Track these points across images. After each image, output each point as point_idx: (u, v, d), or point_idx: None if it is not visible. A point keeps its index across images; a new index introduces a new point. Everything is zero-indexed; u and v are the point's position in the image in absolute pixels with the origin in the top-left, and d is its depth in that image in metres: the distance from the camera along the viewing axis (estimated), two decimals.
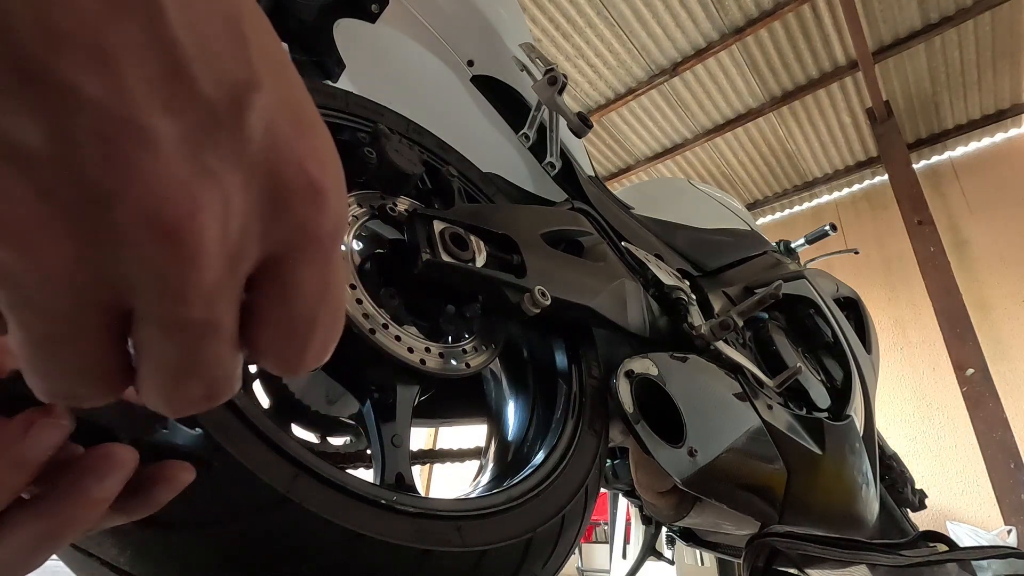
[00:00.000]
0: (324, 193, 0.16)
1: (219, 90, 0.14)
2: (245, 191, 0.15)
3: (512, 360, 0.87)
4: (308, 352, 0.17)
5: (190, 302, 0.14)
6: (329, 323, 0.17)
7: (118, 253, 0.13)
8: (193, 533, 0.41)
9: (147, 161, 0.13)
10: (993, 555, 0.84)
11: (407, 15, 0.90)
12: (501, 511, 0.59)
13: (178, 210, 0.13)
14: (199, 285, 0.14)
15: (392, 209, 0.69)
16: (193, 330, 0.15)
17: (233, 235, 0.15)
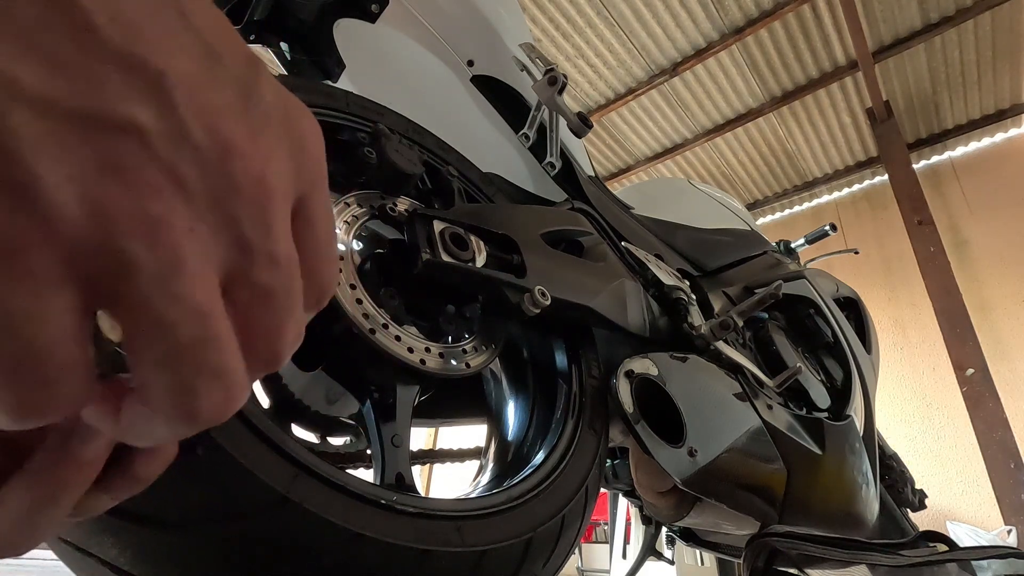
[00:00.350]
0: (321, 144, 0.20)
1: (239, 67, 0.17)
2: (282, 143, 0.18)
3: (512, 360, 0.87)
4: None
5: (279, 240, 0.17)
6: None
7: (227, 205, 0.16)
8: (193, 533, 0.41)
9: (231, 125, 0.16)
10: (993, 555, 0.84)
11: (407, 15, 0.90)
12: (501, 511, 0.59)
13: (261, 159, 0.17)
14: (282, 223, 0.17)
15: (392, 209, 0.69)
16: (284, 265, 0.17)
17: (286, 179, 0.17)
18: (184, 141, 0.15)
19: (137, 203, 0.14)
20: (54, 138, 0.13)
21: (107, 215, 0.13)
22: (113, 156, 0.14)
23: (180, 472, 0.42)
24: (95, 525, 0.40)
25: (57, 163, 0.13)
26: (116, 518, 0.40)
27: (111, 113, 0.14)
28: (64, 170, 0.13)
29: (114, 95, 0.14)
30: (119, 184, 0.14)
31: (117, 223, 0.13)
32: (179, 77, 0.15)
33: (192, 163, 0.15)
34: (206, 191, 0.15)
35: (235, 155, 0.15)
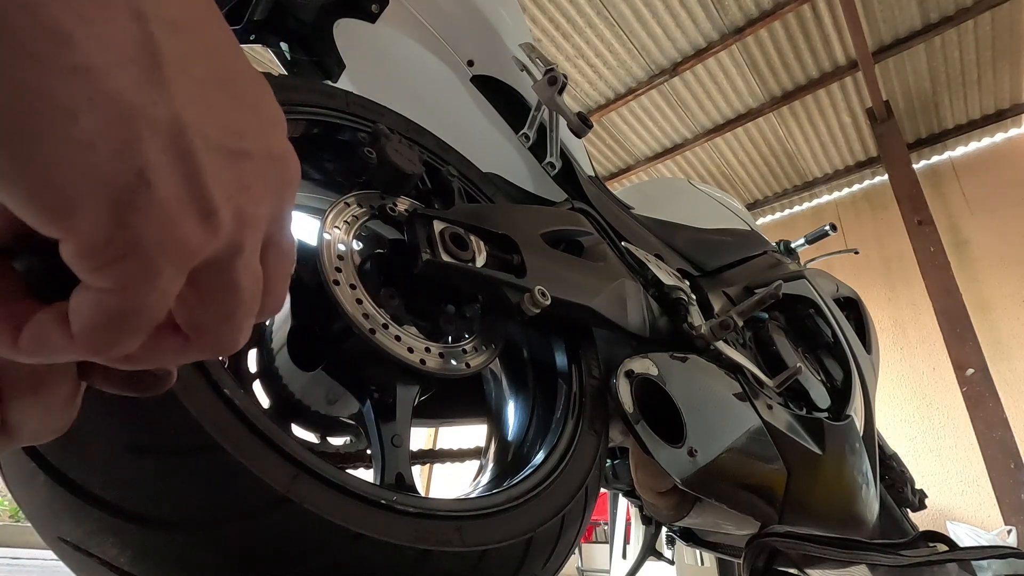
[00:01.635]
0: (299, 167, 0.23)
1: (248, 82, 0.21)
2: (273, 183, 0.21)
3: (512, 360, 0.87)
4: None
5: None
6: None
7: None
8: (193, 533, 0.41)
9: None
10: (993, 555, 0.84)
11: (407, 15, 0.90)
12: (501, 511, 0.59)
13: (255, 202, 0.20)
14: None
15: (392, 209, 0.69)
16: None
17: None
18: (271, 155, 0.20)
19: (251, 205, 0.19)
20: (224, 171, 0.18)
21: (240, 219, 0.18)
22: (244, 176, 0.19)
23: (180, 472, 0.42)
24: (95, 525, 0.40)
25: (223, 188, 0.18)
26: (116, 518, 0.40)
27: (245, 147, 0.19)
28: (227, 192, 0.18)
29: (247, 133, 0.19)
30: (247, 195, 0.19)
31: (243, 223, 0.18)
32: (268, 114, 0.21)
33: (273, 169, 0.20)
34: (277, 186, 0.20)
35: (289, 154, 0.21)
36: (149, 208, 0.16)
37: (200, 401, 0.43)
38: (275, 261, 0.22)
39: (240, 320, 0.20)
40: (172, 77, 0.16)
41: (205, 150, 0.17)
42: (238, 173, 0.18)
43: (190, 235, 0.17)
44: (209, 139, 0.17)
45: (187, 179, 0.17)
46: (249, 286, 0.20)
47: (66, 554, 0.42)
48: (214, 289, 0.19)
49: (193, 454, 0.42)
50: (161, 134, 0.16)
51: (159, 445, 0.41)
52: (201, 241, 0.17)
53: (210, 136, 0.17)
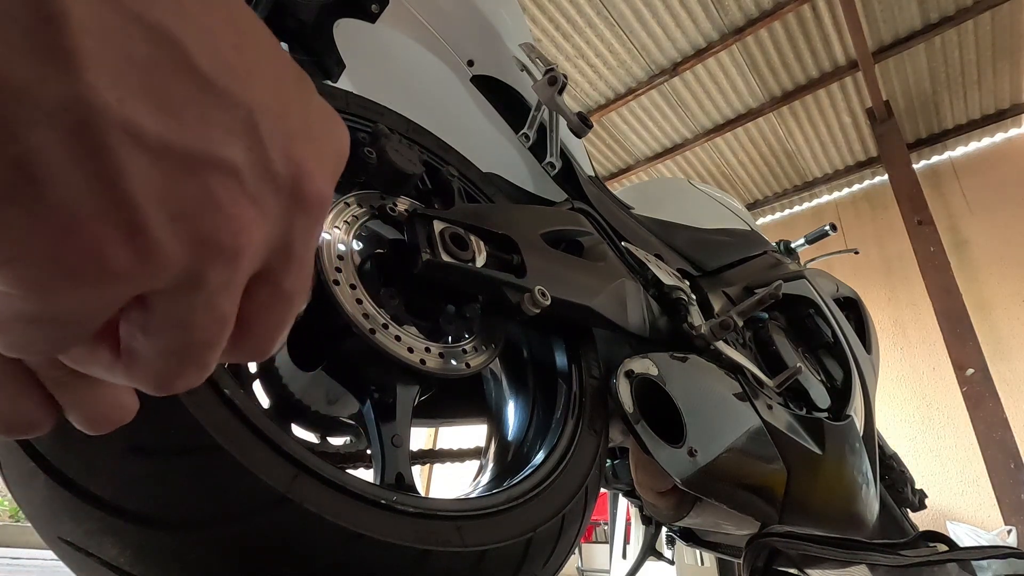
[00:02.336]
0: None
1: (294, 84, 0.18)
2: (329, 154, 0.18)
3: (512, 360, 0.86)
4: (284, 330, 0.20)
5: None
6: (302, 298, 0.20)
7: (292, 223, 0.17)
8: (193, 533, 0.41)
9: (304, 150, 0.17)
10: (993, 555, 0.84)
11: (407, 15, 0.90)
12: (501, 511, 0.59)
13: (323, 181, 0.18)
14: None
15: (392, 209, 0.69)
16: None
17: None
18: (268, 172, 0.16)
19: (227, 235, 0.15)
20: (167, 179, 0.14)
21: (200, 249, 0.15)
22: (212, 193, 0.15)
23: (180, 472, 0.42)
24: (95, 525, 0.40)
25: (165, 204, 0.14)
26: (116, 518, 0.40)
27: (213, 152, 0.15)
28: (171, 209, 0.14)
29: (216, 135, 0.15)
30: (215, 219, 0.15)
31: (206, 254, 0.15)
32: (263, 110, 0.16)
33: (273, 191, 0.16)
34: (280, 214, 0.17)
35: (306, 178, 0.17)
36: (35, 209, 0.13)
37: (200, 401, 0.43)
38: (267, 304, 0.18)
39: (185, 361, 0.17)
40: (82, 48, 0.12)
41: (131, 147, 0.13)
42: (200, 187, 0.14)
43: (105, 254, 0.13)
44: (144, 134, 0.13)
45: (98, 182, 0.13)
46: (207, 327, 0.16)
47: (66, 554, 0.42)
48: (159, 320, 0.16)
49: (193, 454, 0.42)
50: (55, 118, 0.12)
51: (159, 445, 0.41)
52: (126, 265, 0.14)
53: (146, 130, 0.13)
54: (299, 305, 0.19)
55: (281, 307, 0.18)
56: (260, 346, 0.19)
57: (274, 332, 0.19)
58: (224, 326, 0.17)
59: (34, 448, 0.40)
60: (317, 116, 0.18)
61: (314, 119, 0.18)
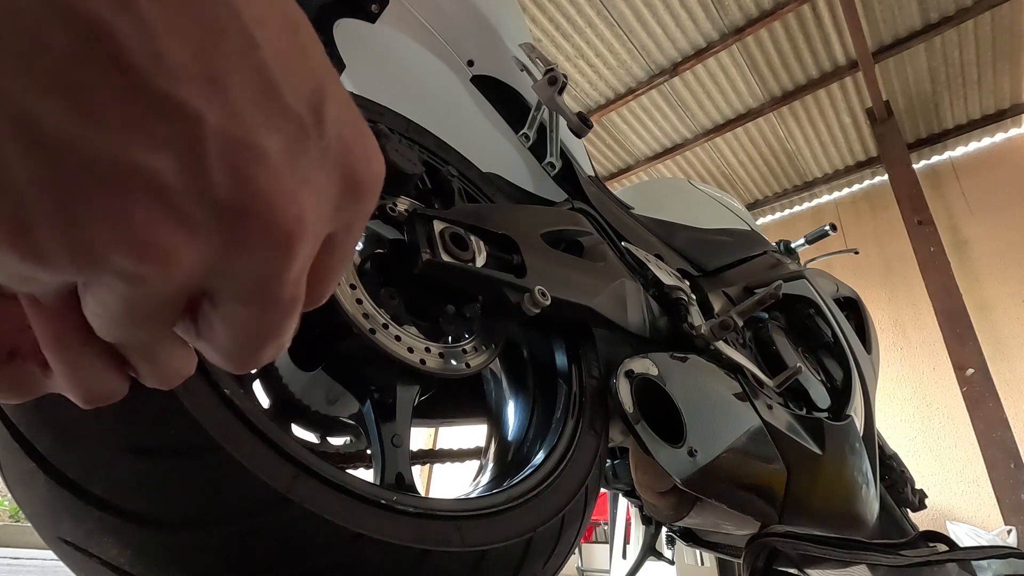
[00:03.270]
0: (379, 182, 0.19)
1: (301, 104, 0.15)
2: (328, 191, 0.17)
3: (512, 360, 0.86)
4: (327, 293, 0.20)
5: (287, 287, 0.16)
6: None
7: (237, 255, 0.15)
8: (193, 533, 0.41)
9: (264, 177, 0.14)
10: (993, 555, 0.84)
11: (407, 15, 0.90)
12: (501, 511, 0.59)
13: (289, 217, 0.15)
14: (296, 272, 0.16)
15: (392, 209, 0.69)
16: (282, 308, 0.17)
17: (320, 225, 0.17)
18: (205, 196, 0.14)
19: (131, 252, 0.13)
20: (62, 181, 0.13)
21: (96, 258, 0.13)
22: (121, 207, 0.13)
23: (180, 472, 0.42)
24: (95, 525, 0.40)
25: (59, 206, 0.13)
26: (116, 518, 0.40)
27: (131, 162, 0.13)
28: (65, 214, 0.13)
29: (139, 142, 0.13)
30: (119, 234, 0.13)
31: (102, 264, 0.13)
32: (218, 124, 0.13)
33: (210, 219, 0.14)
34: (220, 243, 0.15)
35: (262, 209, 0.15)
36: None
37: (200, 401, 0.43)
38: (228, 327, 0.17)
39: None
40: None
41: (25, 142, 0.12)
42: (110, 198, 0.13)
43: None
44: (43, 130, 0.12)
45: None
46: (141, 329, 0.16)
47: (66, 554, 0.42)
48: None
49: (193, 454, 0.42)
50: None
51: (159, 445, 0.41)
52: (12, 263, 0.13)
53: (46, 126, 0.12)
54: (275, 336, 0.17)
55: (245, 333, 0.17)
56: (228, 362, 0.18)
57: (241, 353, 0.18)
58: (153, 320, 0.16)
59: (34, 448, 0.40)
60: (327, 136, 0.16)
61: (324, 141, 0.16)
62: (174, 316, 0.17)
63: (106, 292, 0.15)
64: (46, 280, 0.15)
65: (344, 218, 0.18)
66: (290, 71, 0.15)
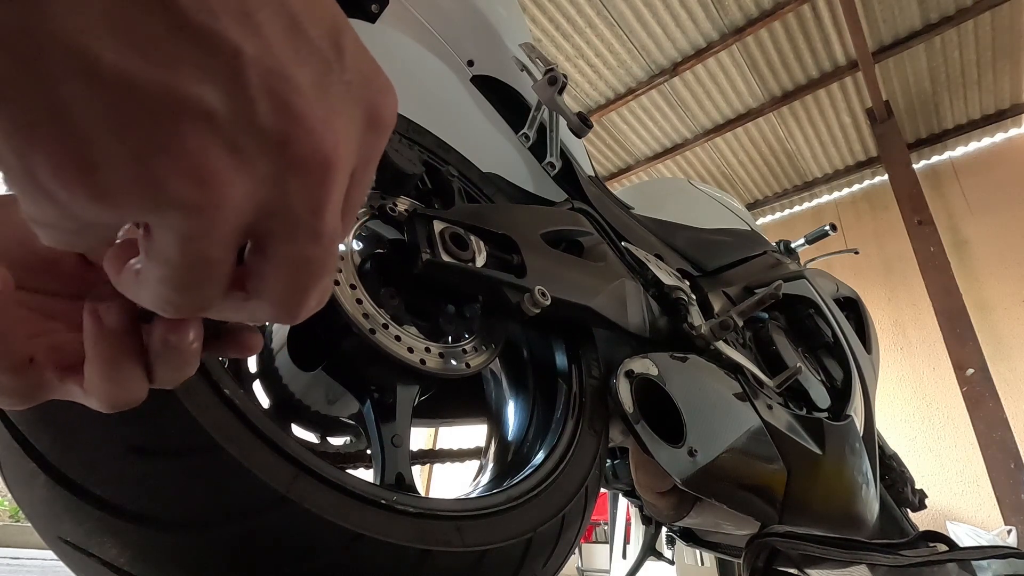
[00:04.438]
0: (394, 115, 0.19)
1: (323, 38, 0.16)
2: (355, 121, 0.18)
3: (512, 360, 0.86)
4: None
5: (328, 217, 0.17)
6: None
7: (283, 183, 0.16)
8: (193, 533, 0.41)
9: (302, 106, 0.15)
10: (993, 555, 0.84)
11: (407, 15, 0.90)
12: (501, 511, 0.59)
13: (327, 143, 0.16)
14: (336, 202, 0.17)
15: (392, 209, 0.69)
16: (325, 240, 0.17)
17: (351, 156, 0.18)
18: (251, 123, 0.15)
19: (188, 183, 0.14)
20: (122, 116, 0.13)
21: (158, 191, 0.14)
22: (177, 136, 0.14)
23: (181, 472, 0.42)
24: (95, 525, 0.40)
25: (121, 141, 0.14)
26: (116, 518, 0.40)
27: (181, 94, 0.14)
28: (128, 147, 0.14)
29: (187, 75, 0.14)
30: (178, 165, 0.14)
31: (166, 199, 0.14)
32: (255, 55, 0.15)
33: (257, 145, 0.15)
34: (267, 172, 0.16)
35: (304, 136, 0.16)
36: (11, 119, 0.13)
37: (200, 401, 0.43)
38: (278, 268, 0.18)
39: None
40: None
41: (85, 79, 0.13)
42: (166, 129, 0.14)
43: (60, 183, 0.14)
44: (101, 67, 0.13)
45: (47, 111, 0.13)
46: (193, 269, 0.16)
47: (66, 554, 0.42)
48: (152, 257, 0.16)
49: (193, 454, 0.42)
50: (10, 42, 0.13)
51: (159, 445, 0.41)
52: (81, 198, 0.14)
53: (104, 63, 0.13)
54: (321, 273, 0.18)
55: (295, 274, 0.18)
56: (283, 310, 0.19)
57: (294, 299, 0.18)
58: (210, 272, 0.16)
59: (34, 448, 0.40)
60: (349, 70, 0.17)
61: (347, 75, 0.17)
62: (228, 270, 0.17)
63: (167, 235, 0.15)
64: (109, 223, 0.16)
65: (365, 151, 0.19)
66: (309, 7, 0.16)
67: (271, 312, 0.19)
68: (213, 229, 0.15)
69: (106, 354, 0.20)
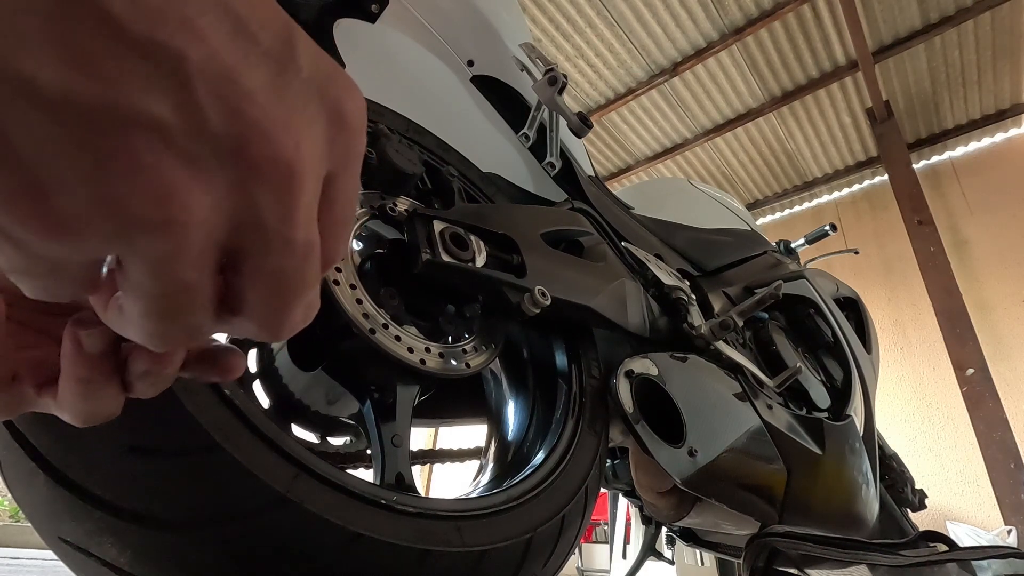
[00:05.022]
0: (362, 116, 0.19)
1: (272, 40, 0.16)
2: (317, 121, 0.17)
3: (512, 360, 0.86)
4: (344, 239, 0.20)
5: (299, 223, 0.16)
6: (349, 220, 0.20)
7: (246, 191, 0.15)
8: (193, 533, 0.41)
9: (256, 110, 0.15)
10: (993, 555, 0.84)
11: (407, 15, 0.90)
12: (501, 511, 0.59)
13: (286, 145, 0.16)
14: (305, 207, 0.16)
15: (392, 209, 0.69)
16: (300, 250, 0.17)
17: (317, 159, 0.17)
18: (203, 131, 0.14)
19: (149, 201, 0.14)
20: (68, 139, 0.13)
21: (117, 215, 0.14)
22: (129, 153, 0.13)
23: (180, 472, 0.42)
24: (95, 525, 0.40)
25: (70, 165, 0.13)
26: (116, 518, 0.40)
27: (127, 108, 0.13)
28: (78, 171, 0.13)
29: (131, 87, 0.13)
30: (132, 181, 0.13)
31: (125, 221, 0.14)
32: (202, 62, 0.14)
33: (212, 153, 0.15)
34: (229, 181, 0.15)
35: (260, 140, 0.15)
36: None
37: (200, 401, 0.43)
38: (255, 283, 0.17)
39: (154, 329, 0.17)
40: None
41: (22, 103, 0.12)
42: (116, 146, 0.13)
43: (13, 219, 0.13)
44: (39, 89, 0.12)
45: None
46: (172, 295, 0.16)
47: (66, 554, 0.42)
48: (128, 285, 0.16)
49: (193, 454, 0.42)
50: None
51: (159, 445, 0.41)
52: (39, 232, 0.14)
53: (41, 84, 0.12)
54: (301, 287, 0.18)
55: (273, 288, 0.17)
56: (264, 328, 0.18)
57: (275, 315, 0.18)
58: (191, 298, 0.16)
59: (34, 448, 0.40)
60: (304, 70, 0.17)
61: (301, 78, 0.16)
62: (210, 293, 0.17)
63: (138, 264, 0.15)
64: (78, 261, 0.15)
65: (338, 153, 0.18)
66: (255, 11, 0.16)
67: (253, 330, 0.18)
68: (183, 249, 0.15)
69: (82, 374, 0.20)
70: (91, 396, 0.20)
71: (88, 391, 0.20)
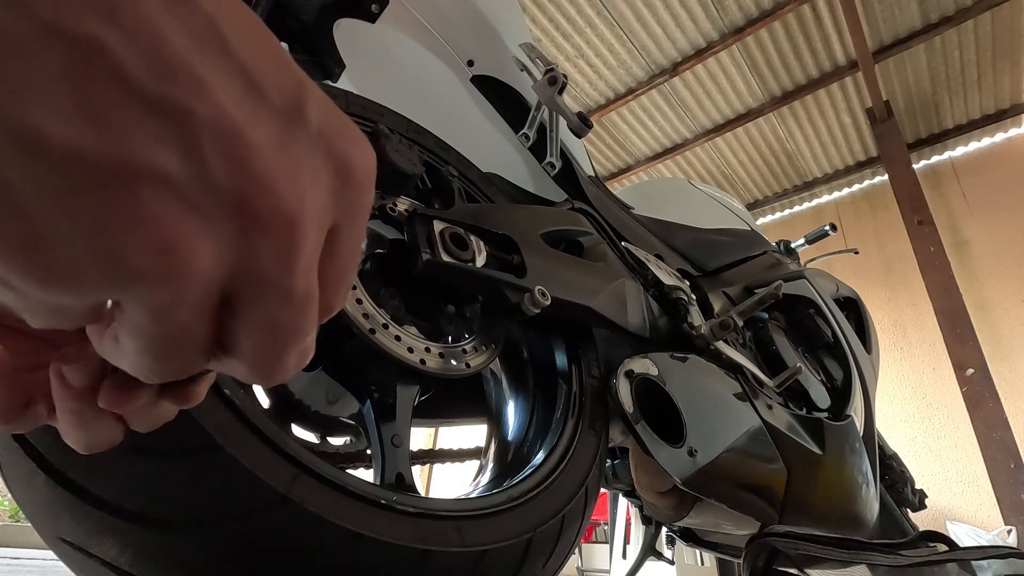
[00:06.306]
0: (370, 170, 0.19)
1: (282, 97, 0.16)
2: (323, 175, 0.17)
3: (512, 360, 0.86)
4: (344, 291, 0.21)
5: (299, 274, 0.17)
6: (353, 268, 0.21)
7: (248, 242, 0.16)
8: (193, 533, 0.41)
9: (259, 162, 0.15)
10: (993, 555, 0.84)
11: (407, 15, 0.90)
12: (501, 511, 0.59)
13: (290, 198, 0.16)
14: (306, 258, 0.17)
15: (392, 209, 0.69)
16: (298, 301, 0.17)
17: (321, 212, 0.17)
18: (208, 184, 0.15)
19: (151, 253, 0.14)
20: (73, 191, 0.13)
21: (119, 266, 0.14)
22: (132, 206, 0.14)
23: (181, 472, 0.42)
24: (95, 525, 0.40)
25: (72, 217, 0.13)
26: (116, 518, 0.40)
27: (133, 162, 0.13)
28: (81, 224, 0.13)
29: (138, 142, 0.13)
30: (135, 233, 0.14)
31: (126, 272, 0.14)
32: (208, 116, 0.14)
33: (216, 207, 0.15)
34: (231, 233, 0.15)
35: (263, 194, 0.15)
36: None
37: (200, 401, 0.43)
38: (252, 331, 0.17)
39: (155, 371, 0.17)
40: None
41: (25, 155, 0.13)
42: (122, 198, 0.13)
43: (15, 268, 0.13)
44: (42, 141, 0.13)
45: None
46: (172, 342, 0.16)
47: (66, 554, 0.42)
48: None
49: (193, 454, 0.42)
50: None
51: (159, 445, 0.41)
52: (39, 281, 0.14)
53: (45, 137, 0.13)
54: (296, 336, 0.18)
55: (268, 336, 0.17)
56: (256, 372, 0.18)
57: (268, 362, 0.18)
58: (188, 340, 0.16)
59: (34, 448, 0.40)
60: (318, 129, 0.17)
61: (310, 132, 0.17)
62: (207, 334, 0.17)
63: (137, 309, 0.15)
64: (73, 305, 0.15)
65: (344, 206, 0.18)
66: (268, 69, 0.16)
67: (244, 373, 0.18)
68: (183, 299, 0.15)
69: (74, 408, 0.20)
70: (85, 427, 0.21)
71: (80, 422, 0.20)
